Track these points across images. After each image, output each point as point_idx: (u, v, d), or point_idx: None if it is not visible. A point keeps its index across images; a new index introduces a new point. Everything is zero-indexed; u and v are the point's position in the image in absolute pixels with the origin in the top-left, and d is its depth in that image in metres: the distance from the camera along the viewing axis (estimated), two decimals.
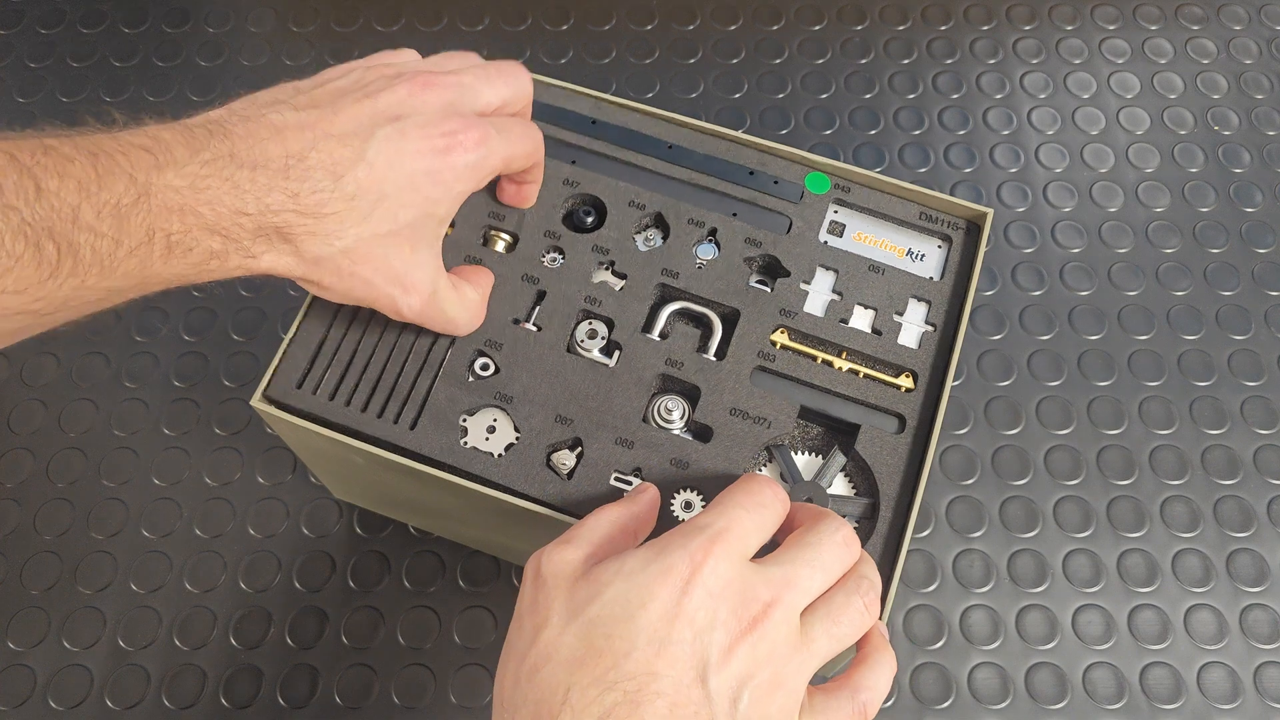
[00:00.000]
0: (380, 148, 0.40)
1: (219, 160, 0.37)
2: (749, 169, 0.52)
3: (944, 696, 0.56)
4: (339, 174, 0.39)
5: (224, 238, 0.38)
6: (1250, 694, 0.56)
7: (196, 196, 0.37)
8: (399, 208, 0.41)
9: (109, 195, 0.35)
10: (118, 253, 0.36)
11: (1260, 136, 0.74)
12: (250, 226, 0.38)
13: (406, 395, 0.46)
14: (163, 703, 0.55)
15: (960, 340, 0.50)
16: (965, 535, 0.60)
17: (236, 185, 0.37)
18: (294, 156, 0.39)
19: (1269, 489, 0.62)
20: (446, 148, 0.42)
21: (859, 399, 0.48)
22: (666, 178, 0.52)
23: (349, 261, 0.41)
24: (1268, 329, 0.67)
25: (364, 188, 0.40)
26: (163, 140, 0.37)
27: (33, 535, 0.59)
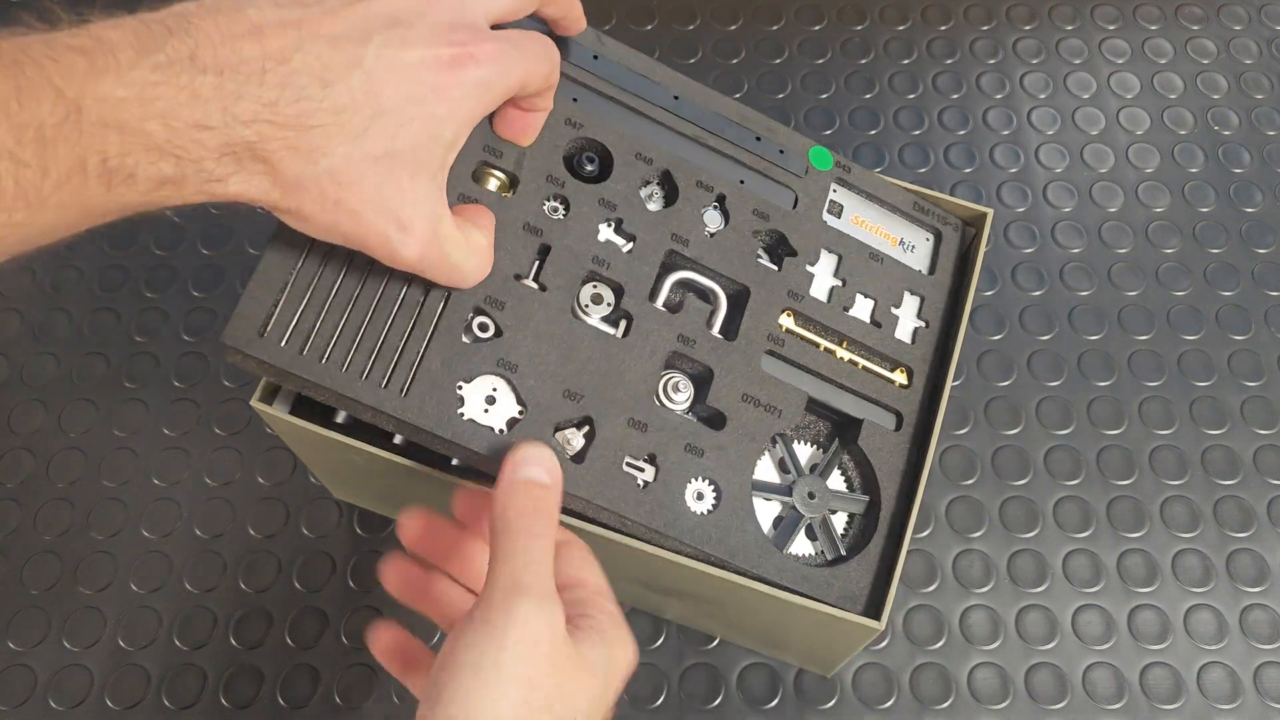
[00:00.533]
0: (379, 54, 0.34)
1: (176, 64, 0.31)
2: (756, 134, 0.50)
3: (944, 696, 0.56)
4: (328, 80, 0.33)
5: (178, 159, 0.31)
6: (1250, 694, 0.56)
7: (144, 109, 0.30)
8: (398, 126, 0.35)
9: (30, 116, 0.29)
10: (44, 184, 0.30)
11: (1260, 136, 0.74)
12: (213, 144, 0.32)
13: (396, 354, 0.40)
14: (163, 703, 0.55)
15: (960, 340, 0.50)
16: (965, 535, 0.60)
17: (196, 94, 0.31)
18: (273, 58, 0.32)
19: (1269, 489, 0.62)
20: (456, 60, 0.36)
21: (860, 392, 0.48)
22: (673, 131, 0.48)
23: (335, 186, 0.34)
24: (1268, 329, 0.67)
25: (358, 99, 0.34)
26: (106, 41, 0.30)
27: (33, 535, 0.59)
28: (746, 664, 0.56)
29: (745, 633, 0.55)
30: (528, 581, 0.34)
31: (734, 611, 0.51)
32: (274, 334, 0.39)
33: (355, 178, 0.34)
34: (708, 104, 0.50)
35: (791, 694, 0.55)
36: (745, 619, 0.51)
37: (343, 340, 0.40)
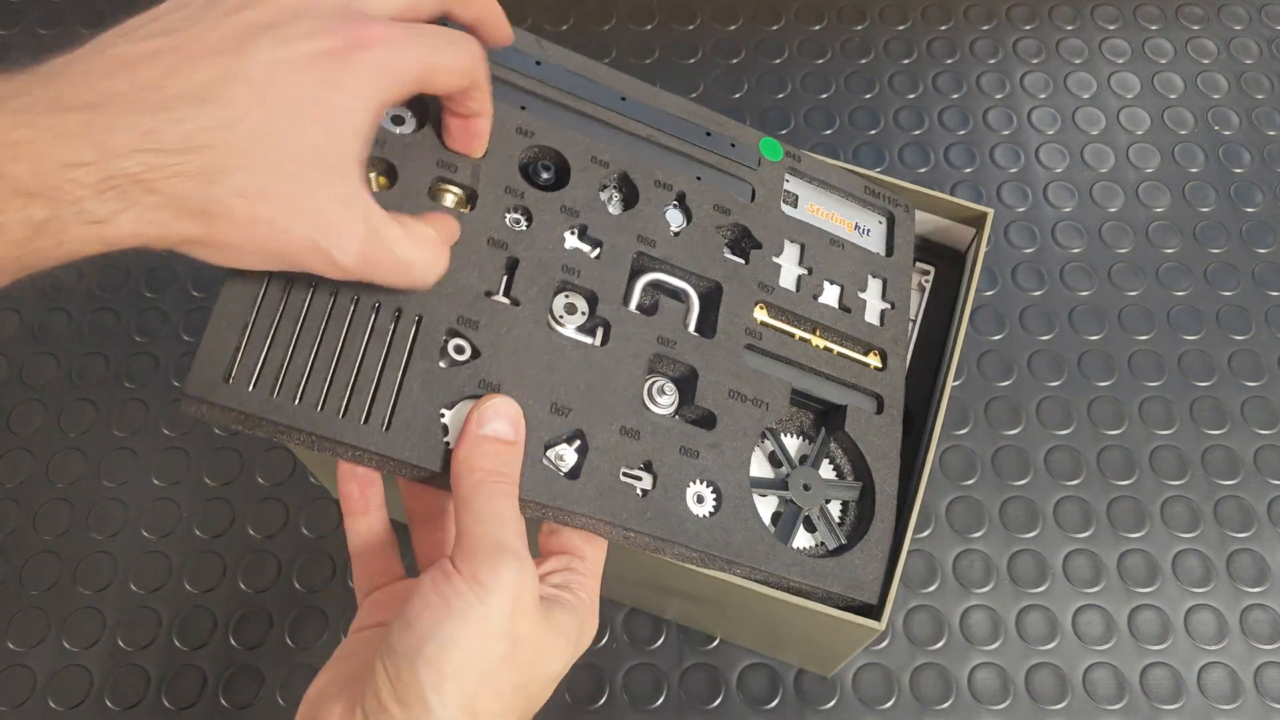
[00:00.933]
0: (259, 58, 0.32)
1: (37, 106, 0.29)
2: (705, 129, 0.50)
3: (944, 697, 0.56)
4: (207, 97, 0.31)
5: (51, 200, 0.29)
6: (1250, 694, 0.56)
7: (4, 154, 0.28)
8: (292, 127, 0.32)
9: None
10: None
11: (1260, 136, 0.74)
12: (90, 180, 0.29)
13: (373, 387, 0.38)
14: (163, 703, 0.55)
15: (960, 340, 0.50)
16: (965, 535, 0.60)
17: (63, 132, 0.29)
18: (147, 87, 0.30)
19: (1269, 489, 0.62)
20: (345, 47, 0.33)
21: (839, 378, 0.48)
22: (625, 132, 0.48)
23: (244, 202, 0.31)
24: (1268, 329, 0.67)
25: (242, 111, 0.31)
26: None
27: (33, 535, 0.59)
28: (746, 664, 0.56)
29: (745, 633, 0.55)
30: (511, 543, 0.34)
31: (734, 612, 0.51)
32: (240, 377, 0.36)
33: (263, 188, 0.32)
34: (655, 102, 0.49)
35: (791, 694, 0.55)
36: (745, 619, 0.51)
37: (315, 378, 0.37)
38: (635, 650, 0.57)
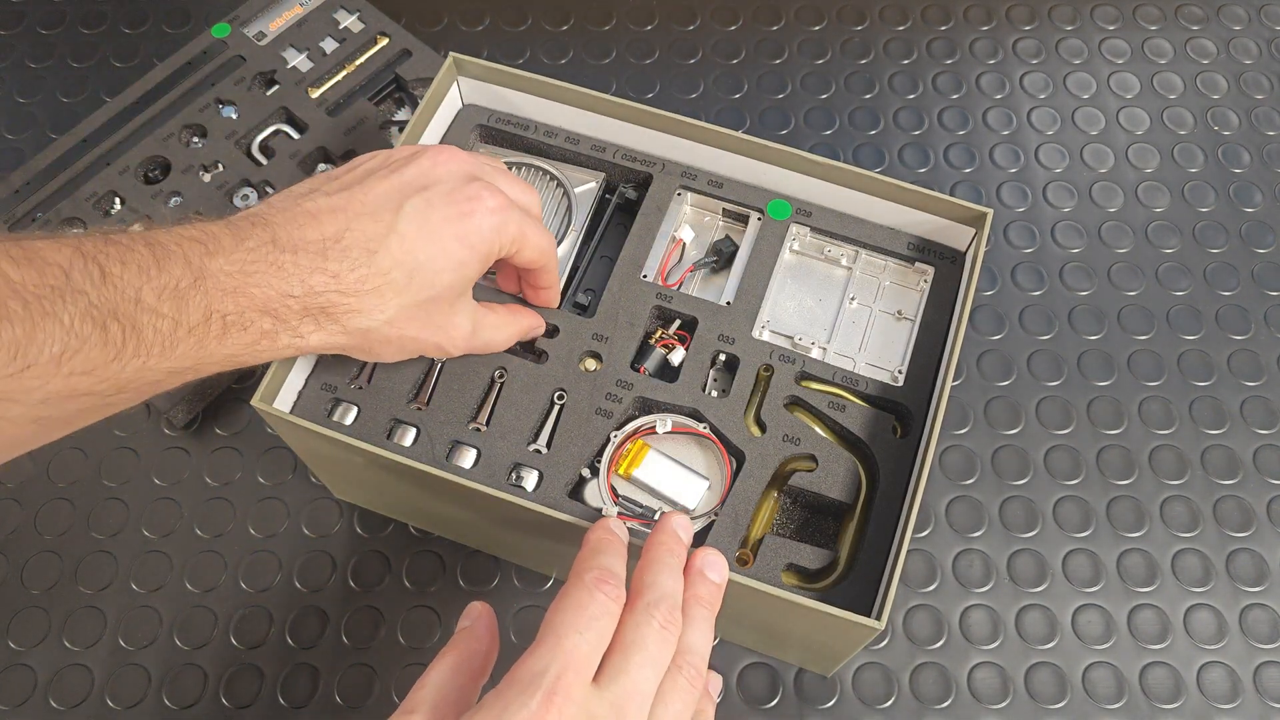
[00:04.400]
0: (409, 219, 0.43)
1: (262, 247, 0.40)
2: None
3: (944, 696, 0.56)
4: (373, 249, 0.42)
5: (274, 318, 0.40)
6: (1250, 694, 0.56)
7: (246, 279, 0.39)
8: (433, 274, 0.44)
9: (168, 279, 0.37)
10: (177, 332, 0.38)
11: (1260, 137, 0.74)
12: (297, 308, 0.41)
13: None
14: (163, 703, 0.55)
15: (960, 340, 0.50)
16: (965, 535, 0.60)
17: (280, 268, 0.40)
18: (330, 239, 0.42)
19: (1269, 489, 0.62)
20: (470, 211, 0.45)
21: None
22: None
23: (394, 329, 0.44)
24: (1267, 329, 0.67)
25: (398, 260, 0.43)
26: (210, 232, 0.40)
27: (33, 535, 0.59)
28: (746, 664, 0.56)
29: (745, 633, 0.55)
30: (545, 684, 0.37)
31: (734, 611, 0.51)
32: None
33: (408, 320, 0.44)
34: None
35: (791, 694, 0.56)
36: (745, 619, 0.51)
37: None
38: None
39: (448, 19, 0.79)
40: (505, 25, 0.79)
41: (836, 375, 0.52)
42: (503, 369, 0.51)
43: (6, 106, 0.75)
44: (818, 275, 0.56)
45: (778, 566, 0.47)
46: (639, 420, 0.50)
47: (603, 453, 0.49)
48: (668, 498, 0.49)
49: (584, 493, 0.49)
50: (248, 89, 0.68)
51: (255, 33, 0.71)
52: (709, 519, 0.48)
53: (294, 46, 0.70)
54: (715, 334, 0.52)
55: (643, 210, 0.56)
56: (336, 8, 0.72)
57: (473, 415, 0.50)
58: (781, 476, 0.50)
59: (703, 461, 0.51)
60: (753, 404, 0.51)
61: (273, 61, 0.69)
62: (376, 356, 0.46)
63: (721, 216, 0.58)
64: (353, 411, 0.50)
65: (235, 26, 0.71)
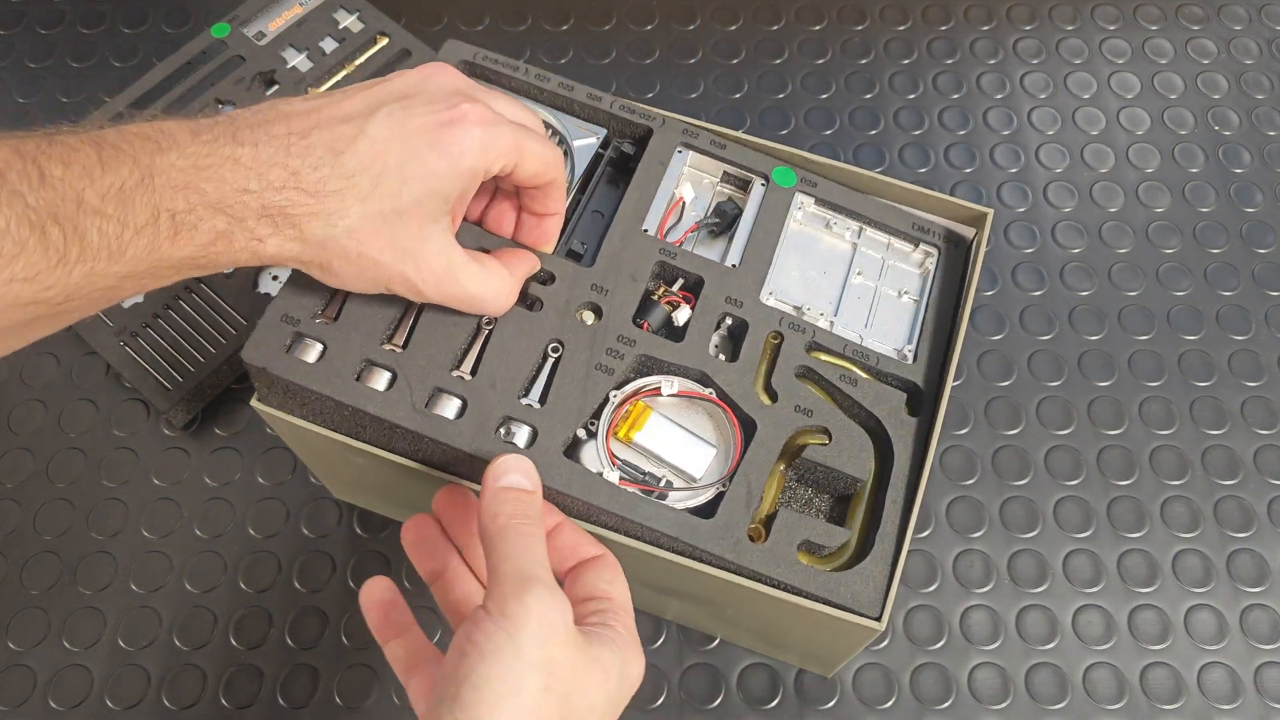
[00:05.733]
0: (382, 123, 0.40)
1: (220, 140, 0.37)
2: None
3: (944, 697, 0.56)
4: (338, 150, 0.39)
5: (229, 216, 0.37)
6: (1251, 694, 0.56)
7: (199, 175, 0.37)
8: (402, 183, 0.40)
9: (113, 179, 0.35)
10: (124, 234, 0.35)
11: (1260, 137, 0.74)
12: (254, 205, 0.38)
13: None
14: (163, 703, 0.55)
15: (960, 340, 0.50)
16: (965, 535, 0.60)
17: (238, 162, 0.37)
18: (296, 135, 0.39)
19: (1269, 489, 0.62)
20: (452, 120, 0.41)
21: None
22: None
23: (355, 242, 0.40)
24: (1268, 329, 0.67)
25: (364, 163, 0.39)
26: (166, 128, 0.37)
27: (33, 535, 0.59)
28: (746, 664, 0.56)
29: (745, 633, 0.55)
30: (536, 573, 0.36)
31: (734, 612, 0.51)
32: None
33: (371, 232, 0.40)
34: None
35: (792, 694, 0.55)
36: (745, 619, 0.51)
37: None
38: None
39: (447, 19, 0.79)
40: (505, 25, 0.79)
41: (847, 349, 0.50)
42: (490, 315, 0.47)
43: (6, 106, 0.75)
44: (822, 248, 0.54)
45: (792, 543, 0.44)
46: (642, 380, 0.47)
47: (601, 412, 0.46)
48: (672, 465, 0.46)
49: (580, 454, 0.45)
50: (247, 89, 0.68)
51: (255, 32, 0.71)
52: (717, 489, 0.45)
53: (294, 46, 0.70)
54: (722, 296, 0.49)
55: (643, 163, 0.52)
56: (336, 7, 0.72)
57: (456, 362, 0.46)
58: (792, 449, 0.47)
59: (708, 428, 0.48)
60: (761, 371, 0.48)
61: (272, 61, 0.69)
62: (337, 278, 0.42)
63: (721, 180, 0.55)
64: (315, 349, 0.45)
65: (235, 26, 0.71)
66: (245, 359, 0.44)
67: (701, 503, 0.45)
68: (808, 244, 0.54)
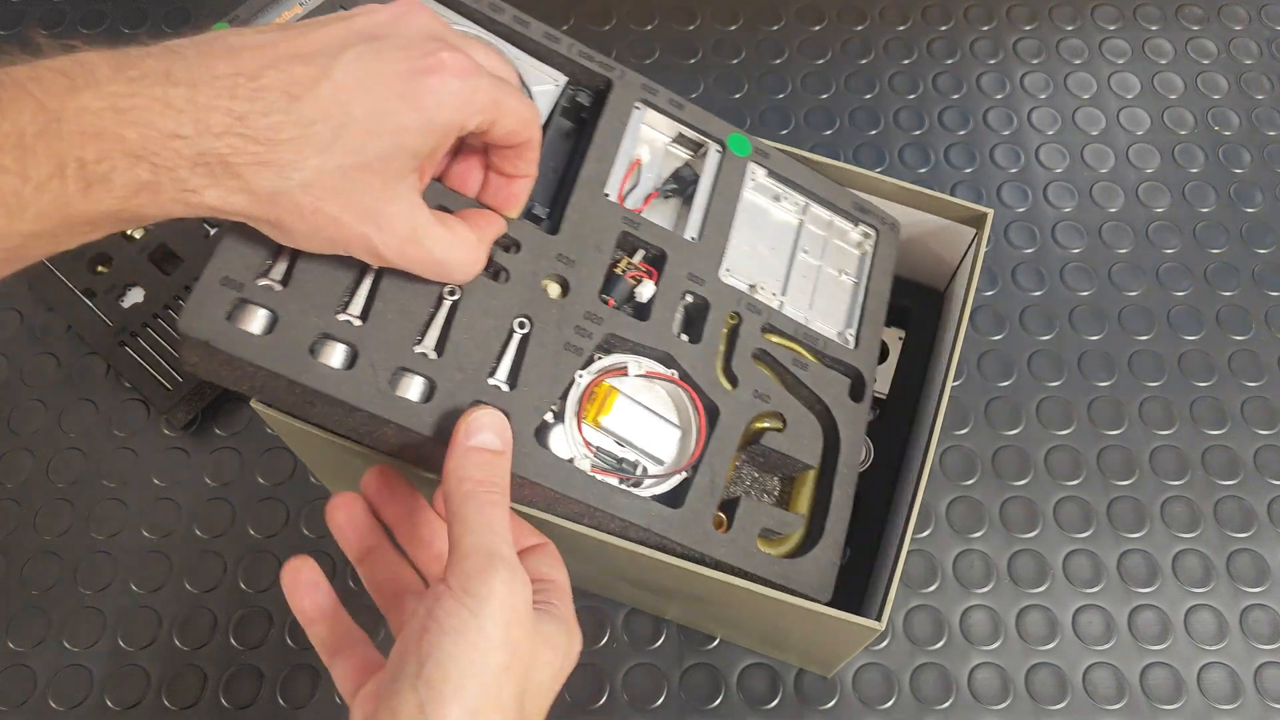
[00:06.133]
0: (349, 67, 0.35)
1: (149, 78, 0.32)
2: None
3: (944, 697, 0.56)
4: (296, 94, 0.34)
5: (153, 165, 0.32)
6: (1251, 694, 0.56)
7: (118, 118, 0.31)
8: (367, 136, 0.35)
9: (10, 125, 0.30)
10: (25, 189, 0.31)
11: (1260, 137, 0.74)
12: (187, 153, 0.32)
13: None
14: (163, 703, 0.55)
15: (960, 340, 0.50)
16: (965, 535, 0.60)
17: (169, 104, 0.32)
18: (245, 74, 0.33)
19: (1269, 489, 0.62)
20: (427, 69, 0.36)
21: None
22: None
23: (310, 197, 0.35)
24: (1268, 329, 0.67)
25: (326, 110, 0.34)
26: (86, 63, 0.32)
27: (33, 535, 0.59)
28: (746, 664, 0.56)
29: (745, 633, 0.55)
30: (500, 550, 0.35)
31: (734, 612, 0.51)
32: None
33: (330, 188, 0.35)
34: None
35: (791, 694, 0.55)
36: (745, 619, 0.51)
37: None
38: (635, 650, 0.57)
39: None
40: None
41: (797, 331, 0.49)
42: (455, 285, 0.42)
43: None
44: (771, 221, 0.53)
45: (753, 532, 0.44)
46: (608, 360, 0.45)
47: (568, 395, 0.43)
48: (640, 448, 0.44)
49: (548, 439, 0.43)
50: None
51: None
52: (683, 476, 0.44)
53: None
54: (685, 272, 0.48)
55: (604, 120, 0.49)
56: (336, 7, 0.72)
57: (419, 337, 0.41)
58: (749, 434, 0.47)
59: (669, 408, 0.46)
60: (721, 354, 0.47)
61: None
62: (288, 236, 0.36)
63: (673, 142, 0.52)
64: (261, 317, 0.39)
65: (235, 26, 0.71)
66: (182, 330, 0.38)
67: (667, 490, 0.44)
68: (758, 217, 0.53)
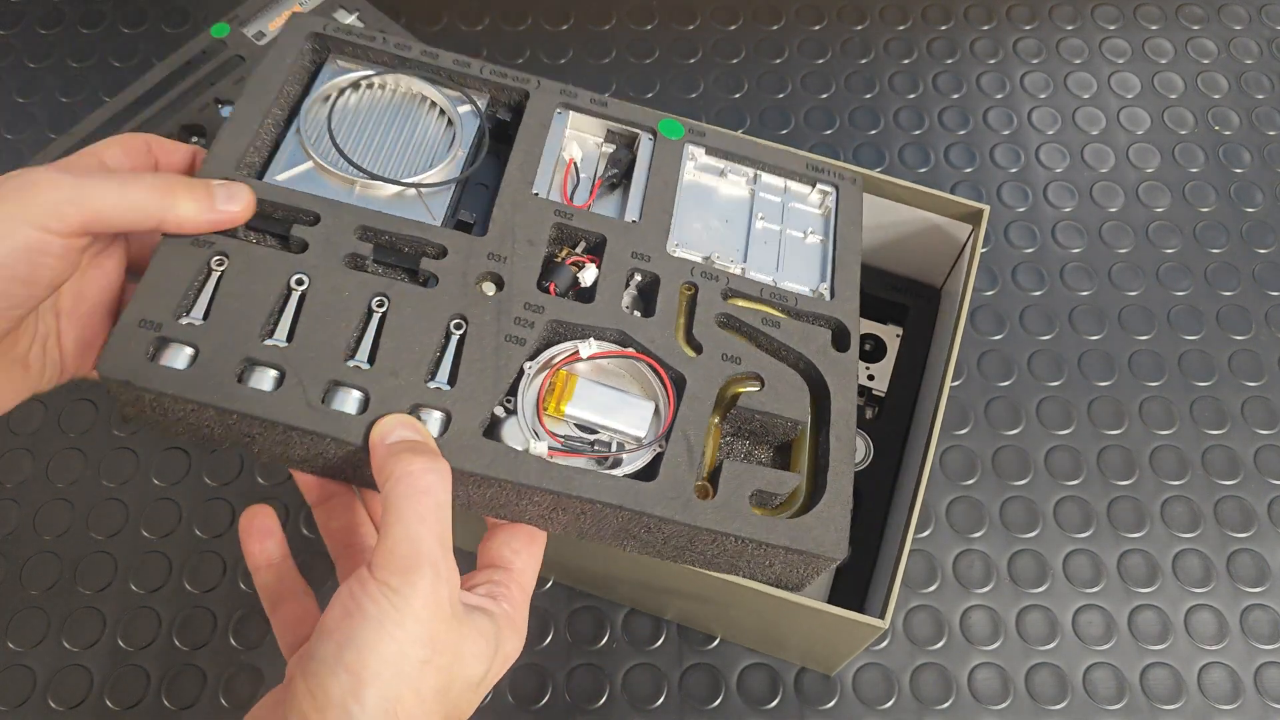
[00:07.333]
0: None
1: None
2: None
3: (944, 697, 0.56)
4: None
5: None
6: (1251, 694, 0.56)
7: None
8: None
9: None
10: None
11: (1260, 136, 0.74)
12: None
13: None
14: (163, 703, 0.55)
15: (959, 340, 0.50)
16: (965, 535, 0.60)
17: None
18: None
19: (1269, 489, 0.62)
20: None
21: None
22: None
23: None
24: (1268, 329, 0.67)
25: None
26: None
27: (33, 535, 0.59)
28: (747, 664, 0.56)
29: (746, 633, 0.55)
30: (426, 550, 0.35)
31: (735, 611, 0.51)
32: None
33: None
34: None
35: (792, 694, 0.55)
36: (746, 619, 0.51)
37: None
38: (635, 650, 0.57)
39: (447, 19, 0.79)
40: (505, 25, 0.79)
41: (764, 292, 0.47)
42: (382, 296, 0.42)
43: (6, 106, 0.75)
44: (720, 197, 0.52)
45: (743, 495, 0.42)
46: (557, 347, 0.43)
47: (517, 387, 0.42)
48: (613, 430, 0.42)
49: (501, 434, 0.41)
50: None
51: (254, 32, 0.71)
52: (655, 450, 0.42)
53: None
54: (628, 251, 0.46)
55: (524, 127, 0.49)
56: (336, 7, 0.72)
57: (350, 351, 0.41)
58: (725, 400, 0.45)
59: (635, 390, 0.44)
60: (681, 324, 0.45)
61: None
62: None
63: (605, 141, 0.52)
64: (185, 353, 0.39)
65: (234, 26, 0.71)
66: (101, 373, 0.38)
67: (641, 466, 0.42)
68: (705, 195, 0.52)
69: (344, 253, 0.42)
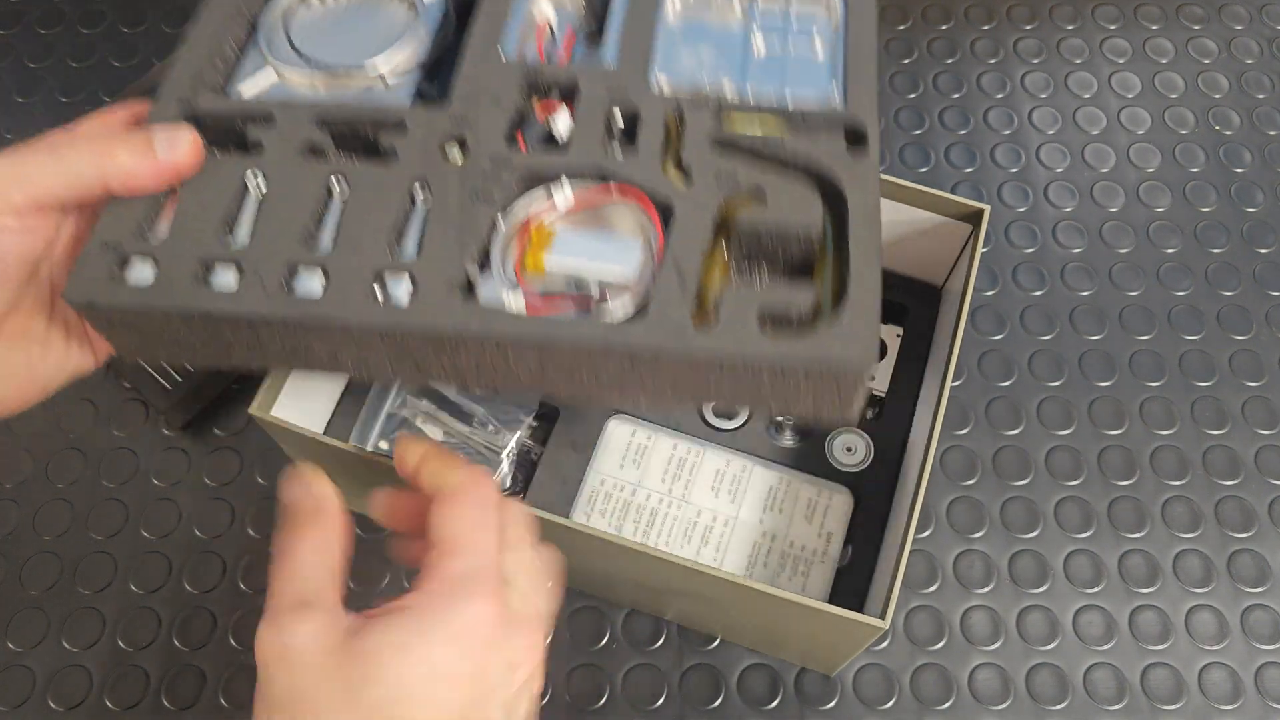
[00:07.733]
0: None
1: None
2: None
3: (944, 697, 0.55)
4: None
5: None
6: (1251, 694, 0.56)
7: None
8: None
9: None
10: None
11: (1261, 136, 0.74)
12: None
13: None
14: (163, 703, 0.55)
15: (960, 340, 0.50)
16: (966, 536, 0.60)
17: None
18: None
19: (1270, 489, 0.62)
20: None
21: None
22: None
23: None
24: (1269, 329, 0.67)
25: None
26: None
27: (32, 535, 0.59)
28: (747, 664, 0.56)
29: (746, 633, 0.55)
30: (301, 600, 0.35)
31: (736, 611, 0.51)
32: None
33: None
34: None
35: (792, 695, 0.55)
36: (745, 619, 0.51)
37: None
38: (635, 650, 0.57)
39: None
40: None
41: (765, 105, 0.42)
42: (339, 175, 0.40)
43: (6, 106, 0.75)
44: (711, 26, 0.47)
45: (749, 318, 0.36)
46: (529, 194, 0.40)
47: (492, 243, 0.39)
48: (600, 277, 0.38)
49: (478, 293, 0.38)
50: None
51: None
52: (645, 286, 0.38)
53: None
54: (605, 89, 0.42)
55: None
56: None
57: (310, 236, 0.39)
58: (725, 224, 0.39)
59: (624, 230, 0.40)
60: (669, 151, 0.41)
61: None
62: None
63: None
64: (143, 267, 0.38)
65: None
66: (67, 299, 0.37)
67: (633, 306, 0.38)
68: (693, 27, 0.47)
69: (301, 144, 0.41)
